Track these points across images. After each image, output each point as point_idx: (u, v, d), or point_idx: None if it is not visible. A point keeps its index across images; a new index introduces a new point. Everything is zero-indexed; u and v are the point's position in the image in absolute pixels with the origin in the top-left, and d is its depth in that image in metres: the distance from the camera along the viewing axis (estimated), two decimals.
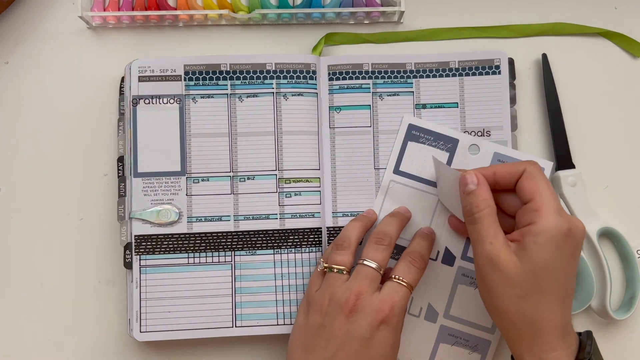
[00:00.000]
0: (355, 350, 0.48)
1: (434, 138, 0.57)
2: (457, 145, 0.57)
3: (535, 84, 0.61)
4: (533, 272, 0.45)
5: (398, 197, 0.56)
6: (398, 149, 0.57)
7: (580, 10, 0.61)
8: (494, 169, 0.49)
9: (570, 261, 0.46)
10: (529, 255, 0.45)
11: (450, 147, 0.57)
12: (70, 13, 0.60)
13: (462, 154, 0.57)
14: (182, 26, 0.60)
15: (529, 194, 0.47)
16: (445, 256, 0.56)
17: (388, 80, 0.58)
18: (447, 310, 0.56)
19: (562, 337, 0.46)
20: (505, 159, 0.57)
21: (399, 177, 0.57)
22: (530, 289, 0.45)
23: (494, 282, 0.46)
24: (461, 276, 0.56)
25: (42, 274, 0.57)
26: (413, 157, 0.57)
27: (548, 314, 0.46)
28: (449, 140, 0.57)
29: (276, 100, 0.57)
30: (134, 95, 0.56)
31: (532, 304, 0.46)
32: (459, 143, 0.57)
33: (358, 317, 0.48)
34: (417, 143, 0.57)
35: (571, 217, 0.47)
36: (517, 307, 0.46)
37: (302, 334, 0.50)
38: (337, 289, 0.49)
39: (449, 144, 0.57)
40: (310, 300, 0.51)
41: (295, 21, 0.60)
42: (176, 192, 0.56)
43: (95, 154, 0.58)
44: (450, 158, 0.57)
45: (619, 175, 0.60)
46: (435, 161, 0.54)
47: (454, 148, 0.57)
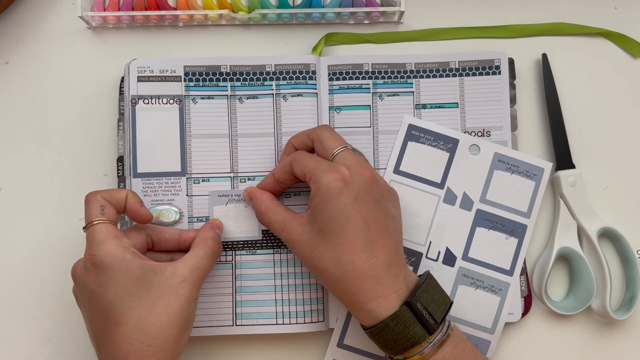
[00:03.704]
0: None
1: (434, 138, 0.57)
2: (457, 146, 0.57)
3: (535, 84, 0.61)
4: (321, 230, 0.48)
5: (399, 196, 0.56)
6: (398, 149, 0.57)
7: (580, 10, 0.61)
8: (273, 172, 0.54)
9: (360, 206, 0.48)
10: (315, 218, 0.49)
11: (450, 147, 0.57)
12: (70, 13, 0.60)
13: (462, 154, 0.57)
14: (182, 26, 0.60)
15: (301, 174, 0.51)
16: (446, 256, 0.56)
17: (388, 81, 0.58)
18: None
19: (381, 282, 0.47)
20: (505, 159, 0.57)
21: (399, 176, 0.57)
22: (325, 245, 0.48)
23: (304, 253, 0.50)
24: (462, 277, 0.56)
25: (42, 274, 0.57)
26: (413, 157, 0.57)
27: (356, 263, 0.47)
28: (449, 141, 0.57)
29: (276, 101, 0.57)
30: (132, 95, 0.56)
31: (334, 258, 0.48)
32: (459, 143, 0.57)
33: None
34: (417, 143, 0.57)
35: (341, 169, 0.48)
36: (327, 265, 0.48)
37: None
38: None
39: (449, 144, 0.57)
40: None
41: (295, 21, 0.60)
42: (176, 193, 0.56)
43: (95, 154, 0.58)
44: (451, 158, 0.57)
45: (619, 175, 0.60)
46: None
47: (454, 148, 0.57)
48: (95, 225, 0.48)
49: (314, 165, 0.49)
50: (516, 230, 0.57)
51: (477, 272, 0.56)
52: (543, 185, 0.57)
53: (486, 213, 0.57)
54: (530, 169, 0.57)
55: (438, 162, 0.57)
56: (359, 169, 0.49)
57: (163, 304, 0.47)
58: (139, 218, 0.51)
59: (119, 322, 0.46)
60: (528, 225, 0.57)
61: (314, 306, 0.55)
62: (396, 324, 0.47)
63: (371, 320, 0.48)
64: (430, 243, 0.56)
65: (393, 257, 0.48)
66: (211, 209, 0.56)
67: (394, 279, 0.48)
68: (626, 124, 0.60)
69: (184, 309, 0.47)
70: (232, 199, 0.56)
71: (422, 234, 0.57)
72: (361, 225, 0.48)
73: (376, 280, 0.47)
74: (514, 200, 0.57)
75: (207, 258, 0.50)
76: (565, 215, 0.58)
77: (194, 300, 0.48)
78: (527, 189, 0.57)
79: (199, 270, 0.49)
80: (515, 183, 0.57)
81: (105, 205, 0.49)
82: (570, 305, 0.57)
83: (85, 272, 0.48)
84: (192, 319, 0.49)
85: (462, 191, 0.57)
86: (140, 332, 0.46)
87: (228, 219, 0.56)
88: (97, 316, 0.47)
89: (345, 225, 0.48)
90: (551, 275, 0.58)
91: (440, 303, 0.48)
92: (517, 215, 0.57)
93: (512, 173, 0.57)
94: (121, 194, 0.50)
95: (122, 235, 0.48)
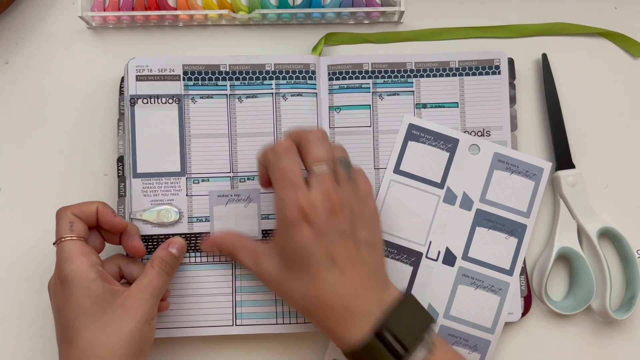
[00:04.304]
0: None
1: (434, 138, 0.57)
2: (457, 145, 0.57)
3: (535, 84, 0.61)
4: (286, 263, 0.48)
5: (398, 196, 0.56)
6: (398, 149, 0.57)
7: (580, 10, 0.61)
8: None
9: (323, 241, 0.46)
10: (280, 247, 0.49)
11: (450, 147, 0.57)
12: (70, 13, 0.60)
13: (462, 154, 0.57)
14: (182, 26, 0.60)
15: (272, 182, 0.49)
16: (446, 256, 0.56)
17: (388, 80, 0.58)
18: (447, 311, 0.56)
19: (350, 312, 0.46)
20: (505, 159, 0.57)
21: (399, 176, 0.57)
22: (291, 280, 0.48)
23: (272, 286, 0.50)
24: (462, 276, 0.56)
25: (43, 274, 0.57)
26: (413, 156, 0.57)
27: (322, 298, 0.47)
28: (449, 140, 0.57)
29: (275, 100, 0.57)
30: (131, 95, 0.56)
31: (301, 294, 0.47)
32: (459, 143, 0.57)
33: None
34: (417, 143, 0.57)
35: (307, 198, 0.47)
36: (295, 298, 0.48)
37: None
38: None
39: (449, 143, 0.57)
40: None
41: (295, 21, 0.60)
42: (176, 193, 0.56)
43: (95, 154, 0.58)
44: (451, 158, 0.57)
45: (619, 175, 0.60)
46: None
47: (454, 148, 0.57)
48: (63, 242, 0.48)
49: (280, 181, 0.48)
50: (516, 230, 0.56)
51: (477, 272, 0.56)
52: (543, 185, 0.57)
53: (486, 213, 0.57)
54: (530, 169, 0.57)
55: (438, 162, 0.57)
56: (325, 199, 0.47)
57: (115, 324, 0.47)
58: (114, 228, 0.51)
59: (71, 340, 0.46)
60: (528, 225, 0.57)
61: None
62: (367, 354, 0.46)
63: (344, 346, 0.47)
64: (430, 243, 0.56)
65: (365, 283, 0.47)
66: (211, 209, 0.56)
67: (366, 305, 0.47)
68: (626, 124, 0.60)
69: (137, 330, 0.47)
70: (231, 199, 0.56)
71: (422, 233, 0.56)
72: (325, 261, 0.47)
73: (345, 311, 0.46)
74: (514, 200, 0.57)
75: (158, 277, 0.50)
76: (565, 215, 0.58)
77: (148, 320, 0.48)
78: (526, 189, 0.57)
79: (150, 288, 0.49)
80: (515, 183, 0.57)
81: (74, 221, 0.49)
82: (570, 305, 0.57)
83: (54, 287, 0.49)
84: (147, 342, 0.48)
85: (462, 191, 0.57)
86: (89, 351, 0.46)
87: (228, 219, 0.56)
88: (58, 332, 0.48)
89: (309, 261, 0.47)
90: (551, 275, 0.58)
91: (416, 327, 0.47)
92: (517, 215, 0.57)
93: (511, 173, 0.57)
94: (91, 207, 0.50)
95: (90, 253, 0.48)
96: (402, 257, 0.56)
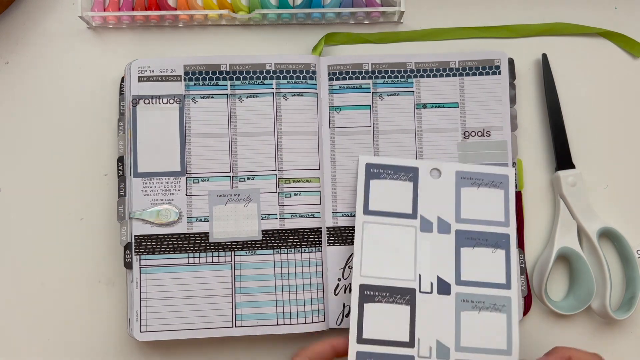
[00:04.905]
0: None
1: (393, 171, 0.56)
2: (418, 173, 0.56)
3: (535, 84, 0.61)
4: None
5: (374, 236, 0.55)
6: (362, 190, 0.55)
7: (580, 10, 0.61)
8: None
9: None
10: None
11: (412, 176, 0.56)
12: (71, 13, 0.60)
13: (425, 180, 0.56)
14: (182, 26, 0.60)
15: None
16: (440, 286, 0.54)
17: (388, 80, 0.58)
18: (458, 343, 0.53)
19: None
20: (468, 175, 0.56)
21: (370, 216, 0.55)
22: None
23: None
24: (461, 302, 0.53)
25: (43, 274, 0.57)
26: (379, 194, 0.55)
27: None
28: (409, 170, 0.56)
29: (276, 100, 0.57)
30: (133, 96, 0.56)
31: None
32: (419, 170, 0.56)
33: None
34: (379, 180, 0.56)
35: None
36: None
37: None
38: None
39: (410, 173, 0.56)
40: None
41: (295, 21, 0.60)
42: (176, 192, 0.56)
43: (95, 154, 0.58)
44: (415, 187, 0.55)
45: (619, 175, 0.60)
46: None
47: (416, 176, 0.56)
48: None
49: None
50: (500, 241, 0.55)
51: (476, 294, 0.54)
52: (512, 191, 0.56)
53: (466, 232, 0.55)
54: (495, 179, 0.56)
55: (404, 194, 0.55)
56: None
57: None
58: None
59: None
60: (510, 233, 0.55)
61: (314, 306, 0.55)
62: None
63: None
64: (420, 276, 0.54)
65: None
66: (210, 208, 0.56)
67: None
68: (626, 124, 0.60)
69: None
70: (231, 198, 0.56)
71: (409, 269, 0.54)
72: None
73: None
74: (489, 213, 0.55)
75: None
76: (565, 215, 0.58)
77: None
78: (498, 199, 0.56)
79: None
80: (485, 195, 0.56)
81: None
82: (570, 305, 0.57)
83: None
84: None
85: (435, 216, 0.55)
86: None
87: (227, 219, 0.56)
88: None
89: None
90: (551, 275, 0.58)
91: None
92: (497, 227, 0.55)
93: (479, 187, 0.56)
94: (324, 347, 0.51)
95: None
96: (395, 299, 0.53)
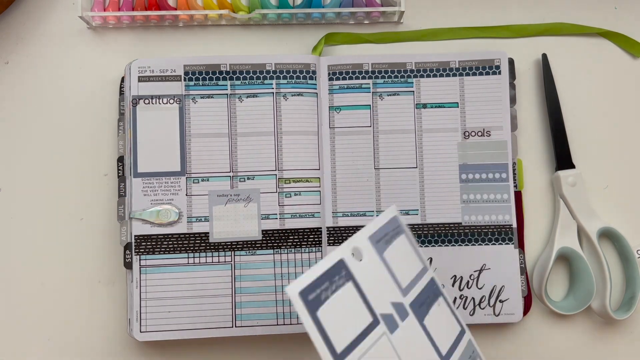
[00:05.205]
0: None
1: (327, 282, 0.41)
2: (347, 267, 0.42)
3: (535, 84, 0.61)
4: None
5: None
6: (316, 332, 0.40)
7: (580, 10, 0.61)
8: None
9: None
10: None
11: (346, 275, 0.42)
12: (70, 13, 0.60)
13: (357, 270, 0.43)
14: (182, 26, 0.60)
15: None
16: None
17: (388, 80, 0.58)
18: None
19: None
20: (375, 237, 0.45)
21: (344, 359, 0.42)
22: None
23: None
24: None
25: (43, 274, 0.57)
26: (333, 324, 0.41)
27: None
28: (338, 269, 0.42)
29: (276, 100, 0.57)
30: (133, 96, 0.56)
31: None
32: (346, 262, 0.42)
33: None
34: (323, 306, 0.41)
35: None
36: None
37: None
38: None
39: (341, 271, 0.42)
40: None
41: (295, 21, 0.60)
42: (176, 192, 0.56)
43: (95, 154, 0.58)
44: (357, 286, 0.42)
45: (619, 175, 0.60)
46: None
47: (349, 273, 0.42)
48: None
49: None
50: (431, 288, 0.47)
51: (465, 352, 0.47)
52: (407, 229, 0.48)
53: (416, 299, 0.46)
54: (388, 228, 0.46)
55: (354, 303, 0.42)
56: None
57: None
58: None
59: None
60: (432, 276, 0.48)
61: None
62: None
63: None
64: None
65: None
66: (210, 208, 0.56)
67: None
68: (626, 124, 0.60)
69: None
70: (231, 198, 0.56)
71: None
72: None
73: None
74: (411, 265, 0.47)
75: None
76: (565, 215, 0.58)
77: None
78: (405, 246, 0.47)
79: None
80: (398, 250, 0.46)
81: None
82: (570, 305, 0.57)
83: None
84: None
85: (388, 305, 0.44)
86: None
87: (227, 219, 0.56)
88: None
89: None
90: (551, 275, 0.58)
91: None
92: (423, 276, 0.47)
93: (388, 243, 0.46)
94: None
95: None
96: None
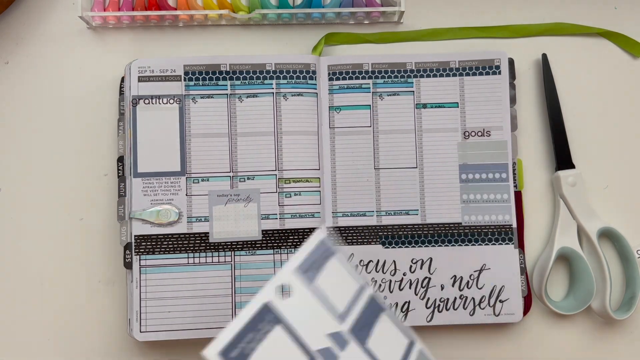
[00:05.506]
0: None
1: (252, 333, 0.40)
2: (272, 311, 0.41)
3: (535, 84, 0.61)
4: None
5: None
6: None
7: (580, 10, 0.61)
8: None
9: None
10: None
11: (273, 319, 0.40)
12: (70, 13, 0.60)
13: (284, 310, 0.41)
14: (182, 26, 0.60)
15: None
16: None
17: (388, 80, 0.58)
18: None
19: None
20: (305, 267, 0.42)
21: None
22: None
23: None
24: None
25: (43, 274, 0.57)
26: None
27: None
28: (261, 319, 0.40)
29: (276, 100, 0.57)
30: (133, 96, 0.56)
31: None
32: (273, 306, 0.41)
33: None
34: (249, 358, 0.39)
35: None
36: None
37: None
38: None
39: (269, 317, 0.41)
40: None
41: (295, 21, 0.60)
42: (176, 192, 0.56)
43: (95, 154, 0.58)
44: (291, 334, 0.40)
45: (619, 175, 0.60)
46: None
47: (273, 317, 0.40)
48: None
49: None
50: (372, 306, 0.45)
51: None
52: (338, 250, 0.44)
53: (355, 324, 0.43)
54: (316, 254, 0.43)
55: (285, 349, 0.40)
56: None
57: None
58: None
59: None
60: (368, 291, 0.45)
61: None
62: None
63: None
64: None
65: None
66: (210, 208, 0.56)
67: None
68: (626, 124, 0.60)
69: None
70: (231, 198, 0.56)
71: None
72: None
73: None
74: (346, 286, 0.44)
75: None
76: (565, 215, 0.58)
77: None
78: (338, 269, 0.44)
79: None
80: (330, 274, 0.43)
81: None
82: (570, 305, 0.57)
83: None
84: None
85: (324, 339, 0.41)
86: None
87: (227, 219, 0.56)
88: None
89: None
90: (551, 275, 0.58)
91: None
92: (361, 295, 0.44)
93: (317, 271, 0.42)
94: None
95: None
96: None
